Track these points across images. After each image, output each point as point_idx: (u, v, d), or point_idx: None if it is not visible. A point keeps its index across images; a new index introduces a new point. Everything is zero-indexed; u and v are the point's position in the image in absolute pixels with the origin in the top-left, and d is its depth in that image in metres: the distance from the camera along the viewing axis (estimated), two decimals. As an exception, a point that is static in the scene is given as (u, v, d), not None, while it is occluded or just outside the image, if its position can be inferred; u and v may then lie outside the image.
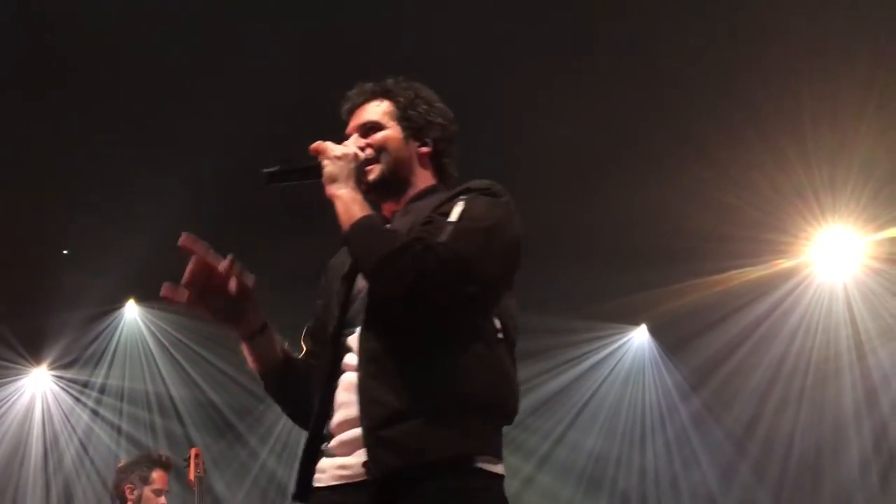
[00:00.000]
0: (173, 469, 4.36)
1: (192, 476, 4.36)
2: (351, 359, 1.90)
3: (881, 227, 6.69)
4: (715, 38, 5.08)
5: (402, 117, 2.13)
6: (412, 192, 2.10)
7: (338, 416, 1.88)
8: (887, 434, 7.58)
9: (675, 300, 7.41)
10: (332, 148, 2.02)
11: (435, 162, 2.16)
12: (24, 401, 7.79)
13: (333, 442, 1.88)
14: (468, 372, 1.81)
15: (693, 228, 6.31)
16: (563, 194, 6.15)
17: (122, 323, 7.62)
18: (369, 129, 2.12)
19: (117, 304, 7.53)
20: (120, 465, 4.36)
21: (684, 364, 8.18)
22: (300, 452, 1.97)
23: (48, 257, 6.37)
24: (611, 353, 8.27)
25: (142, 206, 5.92)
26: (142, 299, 7.53)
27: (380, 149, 2.09)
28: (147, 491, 4.16)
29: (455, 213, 1.87)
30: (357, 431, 1.81)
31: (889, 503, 7.54)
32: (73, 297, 6.77)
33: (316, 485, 1.89)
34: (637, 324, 8.23)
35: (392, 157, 2.09)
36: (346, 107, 2.18)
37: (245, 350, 2.07)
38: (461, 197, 1.93)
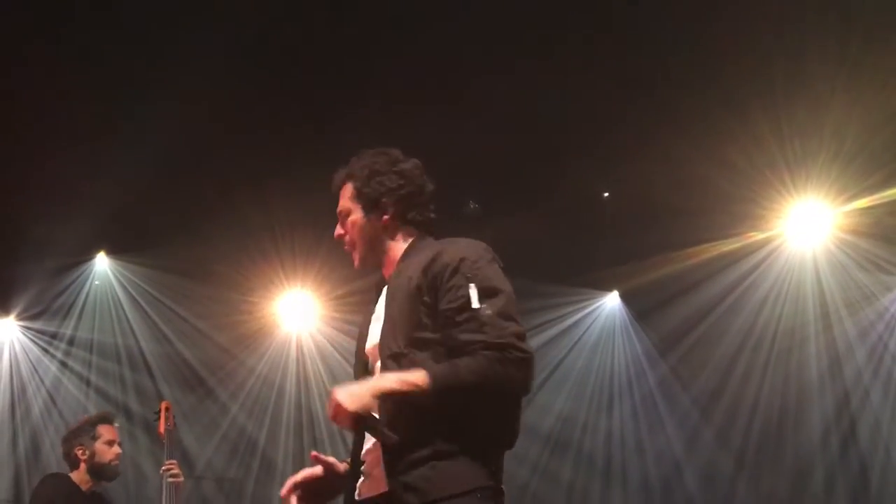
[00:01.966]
0: (117, 423, 4.37)
1: (161, 429, 4.36)
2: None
3: (851, 199, 6.74)
4: (689, 14, 5.09)
5: (358, 197, 2.32)
6: (396, 254, 2.31)
7: (367, 446, 2.22)
8: (849, 403, 7.72)
9: (648, 270, 7.47)
10: (345, 399, 2.09)
11: (402, 221, 2.32)
12: (-9, 350, 7.71)
13: (365, 466, 2.22)
14: (472, 416, 2.10)
15: (666, 200, 6.35)
16: (544, 164, 6.18)
17: (92, 275, 7.54)
18: (344, 216, 2.35)
19: (88, 255, 7.46)
20: (64, 435, 4.35)
21: (654, 330, 8.26)
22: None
23: (17, 207, 6.28)
24: (582, 318, 8.32)
25: (113, 155, 5.85)
26: (112, 252, 7.47)
27: (351, 235, 2.34)
28: (98, 445, 4.19)
29: (474, 299, 2.08)
30: (380, 465, 2.15)
31: (848, 470, 7.71)
32: (43, 247, 6.69)
33: (357, 498, 2.22)
34: (609, 290, 8.29)
35: (362, 239, 2.33)
36: (333, 192, 2.41)
37: None
38: (466, 274, 2.11)
